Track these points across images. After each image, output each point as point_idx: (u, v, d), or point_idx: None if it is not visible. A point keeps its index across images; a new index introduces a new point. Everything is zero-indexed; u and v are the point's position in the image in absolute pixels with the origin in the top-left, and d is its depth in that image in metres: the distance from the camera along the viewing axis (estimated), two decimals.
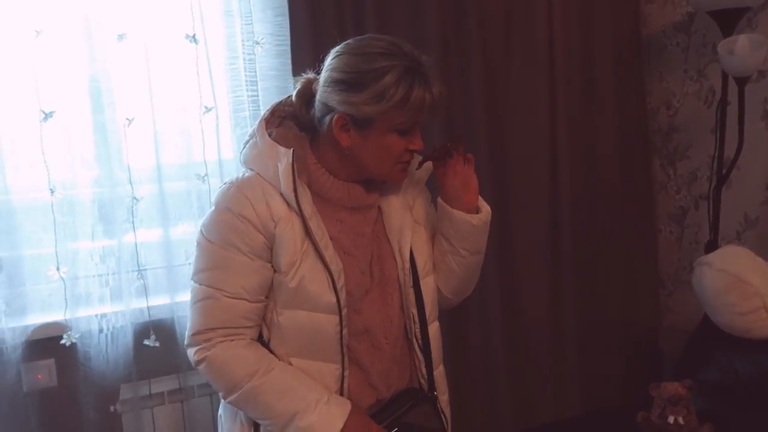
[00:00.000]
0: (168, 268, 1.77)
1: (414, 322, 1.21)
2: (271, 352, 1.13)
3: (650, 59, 2.18)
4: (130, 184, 1.69)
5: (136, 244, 1.72)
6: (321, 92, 1.10)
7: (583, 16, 2.04)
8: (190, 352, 1.13)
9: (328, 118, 1.10)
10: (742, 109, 1.72)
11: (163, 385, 1.79)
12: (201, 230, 1.14)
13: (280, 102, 1.19)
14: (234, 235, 1.09)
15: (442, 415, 1.27)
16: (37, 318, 1.68)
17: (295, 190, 1.07)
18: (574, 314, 2.06)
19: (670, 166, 2.17)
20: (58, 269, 1.64)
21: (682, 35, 2.06)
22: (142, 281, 1.74)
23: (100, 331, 1.69)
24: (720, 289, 1.40)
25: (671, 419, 1.39)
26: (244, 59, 1.78)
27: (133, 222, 1.70)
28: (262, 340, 1.15)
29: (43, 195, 1.62)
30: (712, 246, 1.82)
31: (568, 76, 2.02)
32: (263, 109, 1.83)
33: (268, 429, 1.13)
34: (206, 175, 1.76)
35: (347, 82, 1.06)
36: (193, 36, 1.69)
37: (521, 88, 1.98)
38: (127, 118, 1.67)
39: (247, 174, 1.14)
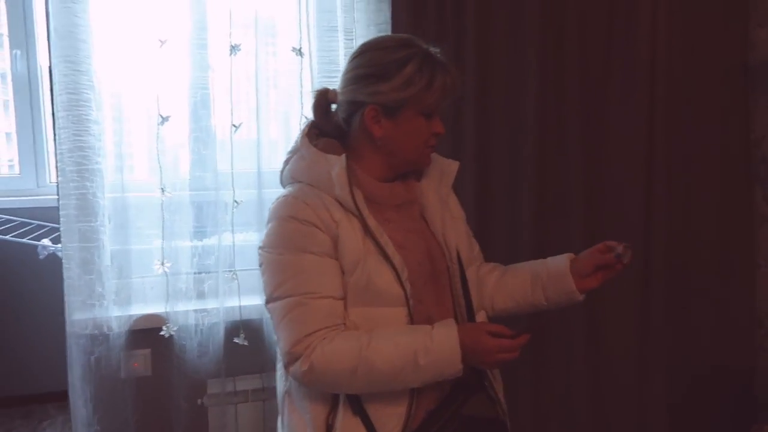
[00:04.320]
0: (259, 271, 1.83)
1: (463, 311, 1.25)
2: None
3: (756, 86, 2.09)
4: (233, 188, 1.77)
5: (233, 246, 1.79)
6: (347, 92, 1.20)
7: (688, 38, 1.98)
8: (295, 368, 1.10)
9: (357, 114, 1.19)
10: None
11: (247, 383, 1.84)
12: (264, 250, 1.16)
13: (308, 123, 1.28)
14: (303, 240, 1.12)
15: (498, 404, 1.26)
16: (139, 309, 1.78)
17: (351, 192, 1.14)
18: (662, 348, 1.98)
19: None
20: (162, 264, 1.74)
21: None
22: (236, 281, 1.81)
23: (196, 325, 1.77)
24: None
25: None
26: None
27: (232, 224, 1.78)
28: None
29: (154, 194, 1.72)
30: None
31: (669, 100, 1.94)
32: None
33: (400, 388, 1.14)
34: None
35: (375, 74, 1.16)
36: (299, 49, 1.77)
37: (619, 110, 1.94)
38: (234, 125, 1.75)
39: (297, 185, 1.20)
